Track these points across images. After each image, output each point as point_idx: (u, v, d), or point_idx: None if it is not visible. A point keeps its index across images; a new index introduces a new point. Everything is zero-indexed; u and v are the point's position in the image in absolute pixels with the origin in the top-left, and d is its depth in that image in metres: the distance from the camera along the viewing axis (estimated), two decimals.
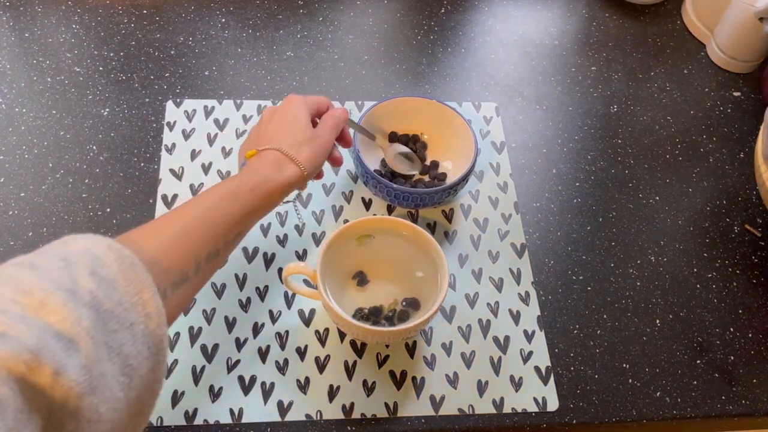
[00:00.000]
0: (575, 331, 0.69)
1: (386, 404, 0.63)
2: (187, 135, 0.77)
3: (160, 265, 0.46)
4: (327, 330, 0.66)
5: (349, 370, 0.64)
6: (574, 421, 0.64)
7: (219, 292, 0.67)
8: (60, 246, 0.41)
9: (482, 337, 0.68)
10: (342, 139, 0.66)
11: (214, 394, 0.62)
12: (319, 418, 0.62)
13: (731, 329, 0.71)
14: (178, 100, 0.80)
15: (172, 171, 0.75)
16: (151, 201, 0.72)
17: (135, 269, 0.42)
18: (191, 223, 0.50)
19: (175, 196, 0.73)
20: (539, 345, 0.68)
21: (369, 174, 0.69)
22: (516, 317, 0.69)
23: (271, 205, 0.57)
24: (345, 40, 0.88)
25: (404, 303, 0.65)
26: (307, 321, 0.67)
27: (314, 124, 0.63)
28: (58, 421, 0.35)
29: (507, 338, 0.68)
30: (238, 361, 0.64)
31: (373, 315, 0.65)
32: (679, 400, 0.66)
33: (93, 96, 0.79)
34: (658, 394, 0.66)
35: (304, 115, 0.61)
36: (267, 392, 0.63)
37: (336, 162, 0.66)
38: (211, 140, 0.77)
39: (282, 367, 0.64)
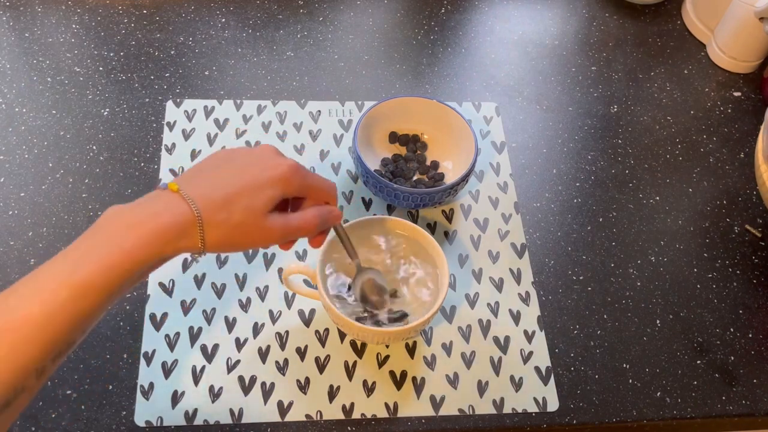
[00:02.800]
0: (575, 331, 0.69)
1: (386, 404, 0.63)
2: (187, 135, 0.78)
3: None
4: (327, 330, 0.66)
5: (349, 370, 0.64)
6: (575, 422, 0.64)
7: (219, 292, 0.67)
8: None
9: (482, 337, 0.68)
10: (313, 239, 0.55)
11: (214, 394, 0.62)
12: (319, 419, 0.62)
13: (731, 329, 0.71)
14: (178, 100, 0.80)
15: (172, 171, 0.75)
16: None
17: None
18: (36, 334, 0.40)
19: None
20: (539, 345, 0.68)
21: (369, 174, 0.69)
22: (516, 317, 0.69)
23: (142, 279, 0.45)
24: (345, 40, 0.88)
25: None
26: (307, 321, 0.67)
27: (286, 204, 0.52)
28: None
29: (507, 338, 0.68)
30: (238, 361, 0.64)
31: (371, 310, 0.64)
32: (679, 400, 0.66)
33: (93, 96, 0.79)
34: (658, 394, 0.66)
35: (269, 197, 0.48)
36: (267, 392, 0.63)
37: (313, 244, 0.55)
38: (211, 140, 0.77)
39: (282, 367, 0.64)
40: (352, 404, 0.63)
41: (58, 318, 0.40)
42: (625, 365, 0.67)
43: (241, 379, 0.63)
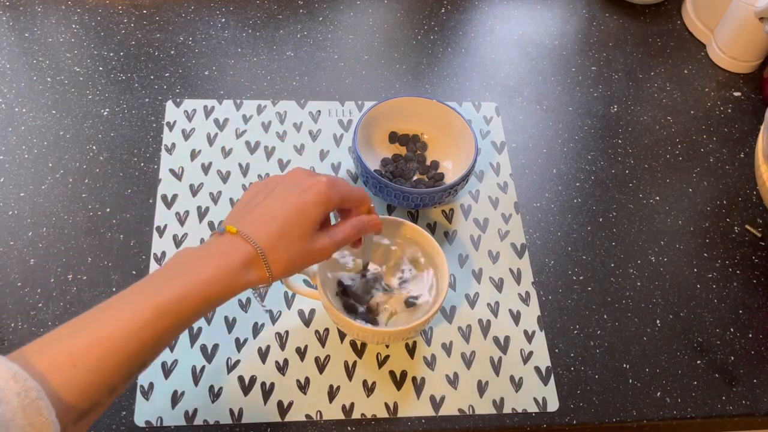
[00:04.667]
0: (575, 331, 0.69)
1: (386, 404, 0.63)
2: (187, 135, 0.78)
3: (67, 404, 0.41)
4: (327, 330, 0.66)
5: (349, 371, 0.64)
6: (575, 422, 0.64)
7: None
8: None
9: (482, 337, 0.68)
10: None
11: (214, 394, 0.62)
12: (319, 419, 0.62)
13: (731, 329, 0.71)
14: (178, 100, 0.80)
15: (172, 171, 0.75)
16: (151, 201, 0.72)
17: (38, 405, 0.38)
18: (116, 351, 0.43)
19: (175, 196, 0.73)
20: (539, 345, 0.68)
21: (369, 174, 0.69)
22: (516, 317, 0.69)
23: (212, 309, 0.49)
24: (345, 40, 0.88)
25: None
26: (307, 321, 0.67)
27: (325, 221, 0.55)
28: None
29: (507, 338, 0.68)
30: (238, 361, 0.64)
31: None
32: (679, 400, 0.66)
33: (93, 96, 0.79)
34: (658, 394, 0.66)
35: (315, 218, 0.51)
36: (267, 392, 0.63)
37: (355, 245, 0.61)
38: (211, 140, 0.77)
39: (282, 367, 0.64)
40: (352, 404, 0.63)
41: (140, 336, 0.43)
42: (625, 365, 0.67)
43: (241, 379, 0.63)
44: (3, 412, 0.36)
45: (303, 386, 0.63)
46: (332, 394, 0.63)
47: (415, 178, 0.75)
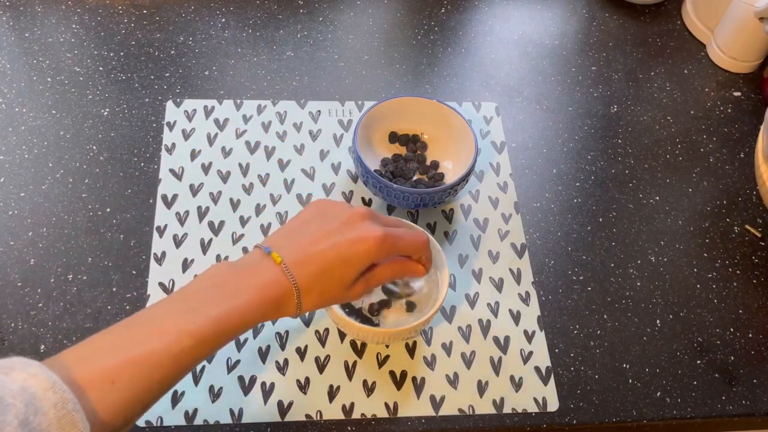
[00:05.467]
0: (575, 331, 0.69)
1: (386, 404, 0.63)
2: (187, 135, 0.78)
3: (102, 420, 0.41)
4: (327, 330, 0.66)
5: (349, 370, 0.64)
6: (575, 422, 0.64)
7: None
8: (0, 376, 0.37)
9: (482, 337, 0.68)
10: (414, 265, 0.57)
11: (214, 394, 0.62)
12: (319, 418, 0.62)
13: (731, 329, 0.71)
14: (178, 100, 0.80)
15: (172, 171, 0.75)
16: (151, 201, 0.72)
17: (73, 417, 0.38)
18: (152, 372, 0.43)
19: (175, 196, 0.73)
20: (539, 345, 0.68)
21: (369, 174, 0.69)
22: (516, 317, 0.69)
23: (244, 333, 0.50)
24: (345, 40, 0.88)
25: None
26: (307, 321, 0.67)
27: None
28: None
29: (507, 338, 0.68)
30: (238, 361, 0.64)
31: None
32: (679, 400, 0.66)
33: (93, 96, 0.79)
34: (658, 394, 0.66)
35: (359, 269, 0.51)
36: (267, 392, 0.63)
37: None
38: (211, 140, 0.77)
39: (282, 367, 0.64)
40: (352, 404, 0.63)
41: (178, 361, 0.44)
42: (625, 365, 0.67)
43: (241, 379, 0.63)
44: (39, 423, 0.36)
45: (303, 386, 0.63)
46: (332, 394, 0.63)
47: (415, 178, 0.75)
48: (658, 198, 0.79)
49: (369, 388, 0.64)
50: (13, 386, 0.37)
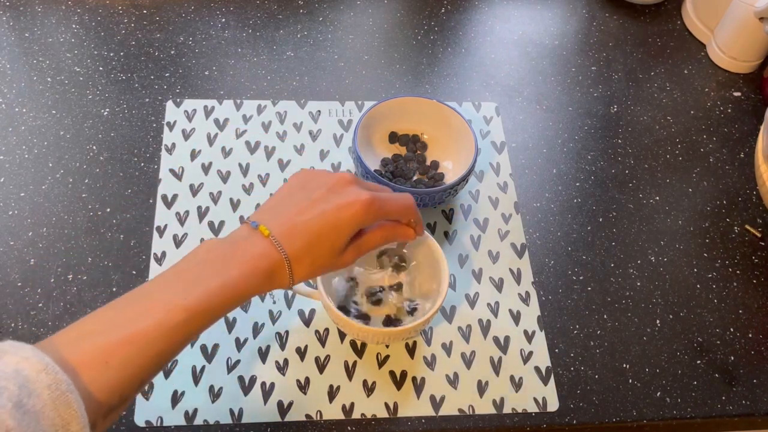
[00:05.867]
0: (575, 331, 0.69)
1: (386, 404, 0.63)
2: (187, 135, 0.78)
3: (97, 399, 0.41)
4: (327, 330, 0.66)
5: (349, 370, 0.64)
6: (575, 422, 0.64)
7: None
8: None
9: (482, 337, 0.68)
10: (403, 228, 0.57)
11: (214, 394, 0.62)
12: (319, 418, 0.62)
13: (731, 329, 0.71)
14: (178, 100, 0.80)
15: (172, 171, 0.75)
16: (151, 201, 0.72)
17: (68, 398, 0.38)
18: (147, 349, 0.43)
19: (175, 196, 0.73)
20: (539, 345, 0.68)
21: (369, 174, 0.69)
22: (516, 317, 0.69)
23: (237, 307, 0.49)
24: (345, 40, 0.88)
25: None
26: (307, 321, 0.67)
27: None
28: None
29: (507, 338, 0.68)
30: (238, 361, 0.64)
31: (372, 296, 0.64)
32: (679, 400, 0.66)
33: (93, 96, 0.79)
34: (658, 394, 0.66)
35: (348, 235, 0.51)
36: (267, 392, 0.63)
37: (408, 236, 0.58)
38: (211, 140, 0.77)
39: (282, 367, 0.64)
40: (352, 404, 0.63)
41: (172, 336, 0.44)
42: (625, 365, 0.67)
43: (241, 379, 0.63)
44: (33, 404, 0.36)
45: (303, 386, 0.63)
46: (332, 394, 0.63)
47: (415, 178, 0.75)
48: (658, 198, 0.79)
49: (369, 388, 0.64)
50: (6, 369, 0.37)
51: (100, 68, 0.82)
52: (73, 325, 0.44)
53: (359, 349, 0.66)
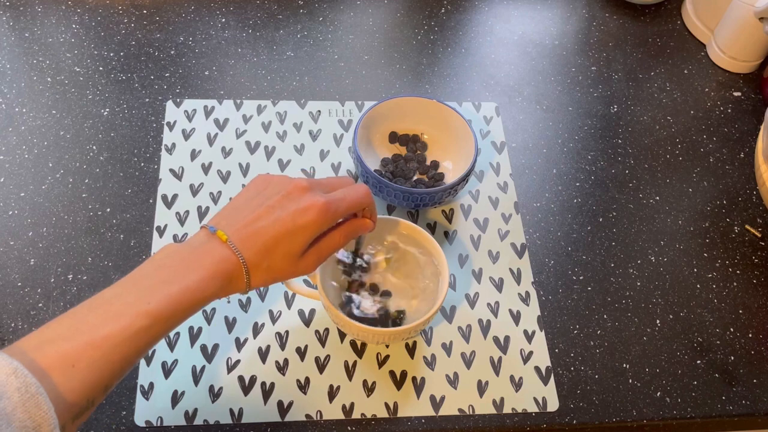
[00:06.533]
0: (575, 331, 0.69)
1: (386, 404, 0.63)
2: (187, 135, 0.78)
3: (66, 402, 0.42)
4: (327, 330, 0.66)
5: (349, 370, 0.64)
6: (575, 422, 0.64)
7: None
8: None
9: (482, 337, 0.68)
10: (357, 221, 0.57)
11: (214, 394, 0.62)
12: (319, 418, 0.62)
13: (731, 329, 0.71)
14: (178, 100, 0.80)
15: (172, 171, 0.75)
16: (151, 201, 0.72)
17: (38, 400, 0.39)
18: (112, 353, 0.44)
19: (175, 196, 0.73)
20: (539, 345, 0.68)
21: (369, 174, 0.69)
22: (516, 317, 0.69)
23: (199, 311, 0.50)
24: (345, 40, 0.88)
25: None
26: (307, 321, 0.67)
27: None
28: None
29: (507, 338, 0.68)
30: (238, 361, 0.64)
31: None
32: (679, 400, 0.66)
33: (93, 96, 0.79)
34: (658, 394, 0.66)
35: (305, 241, 0.51)
36: (267, 392, 0.63)
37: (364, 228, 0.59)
38: (211, 140, 0.77)
39: (282, 367, 0.64)
40: (352, 404, 0.63)
41: (135, 341, 0.45)
42: (625, 365, 0.67)
43: (241, 379, 0.63)
44: (4, 407, 0.37)
45: (303, 386, 0.63)
46: (332, 394, 0.63)
47: (415, 178, 0.75)
48: (658, 198, 0.79)
49: (369, 388, 0.64)
50: None
51: (100, 68, 0.82)
52: (36, 331, 0.44)
53: (359, 349, 0.66)
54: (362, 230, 0.58)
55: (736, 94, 0.89)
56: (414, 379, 0.65)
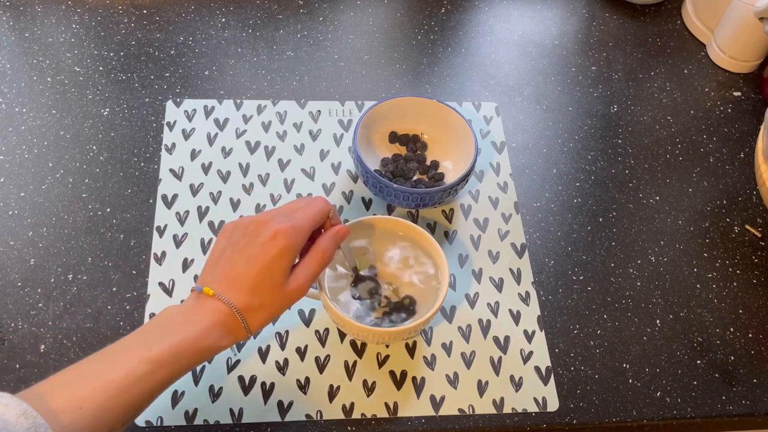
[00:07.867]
0: (575, 331, 0.69)
1: (386, 404, 0.63)
2: (187, 135, 0.78)
3: None
4: (327, 330, 0.66)
5: (349, 370, 0.64)
6: (575, 422, 0.64)
7: None
8: None
9: (482, 337, 0.68)
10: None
11: (214, 394, 0.62)
12: (319, 418, 0.62)
13: (731, 329, 0.71)
14: (178, 100, 0.80)
15: (172, 171, 0.75)
16: (151, 201, 0.72)
17: None
18: (117, 397, 0.47)
19: (175, 196, 0.73)
20: (539, 345, 0.68)
21: (369, 174, 0.69)
22: (516, 317, 0.69)
23: (204, 361, 0.53)
24: (345, 40, 0.88)
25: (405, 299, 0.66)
26: (307, 321, 0.67)
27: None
28: None
29: (507, 338, 0.68)
30: (238, 361, 0.64)
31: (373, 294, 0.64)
32: (679, 400, 0.66)
33: (93, 96, 0.79)
34: (658, 394, 0.66)
35: (283, 268, 0.53)
36: (267, 392, 0.63)
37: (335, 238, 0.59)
38: (211, 140, 0.77)
39: (282, 367, 0.64)
40: (352, 404, 0.63)
41: (137, 386, 0.48)
42: (625, 365, 0.67)
43: (241, 379, 0.63)
44: None
45: (303, 386, 0.63)
46: (332, 393, 0.63)
47: (415, 178, 0.75)
48: (658, 198, 0.79)
49: (369, 388, 0.64)
50: None
51: (100, 68, 0.82)
52: (50, 377, 0.47)
53: (359, 349, 0.66)
54: (338, 237, 0.58)
55: (736, 94, 0.89)
56: (414, 379, 0.65)
